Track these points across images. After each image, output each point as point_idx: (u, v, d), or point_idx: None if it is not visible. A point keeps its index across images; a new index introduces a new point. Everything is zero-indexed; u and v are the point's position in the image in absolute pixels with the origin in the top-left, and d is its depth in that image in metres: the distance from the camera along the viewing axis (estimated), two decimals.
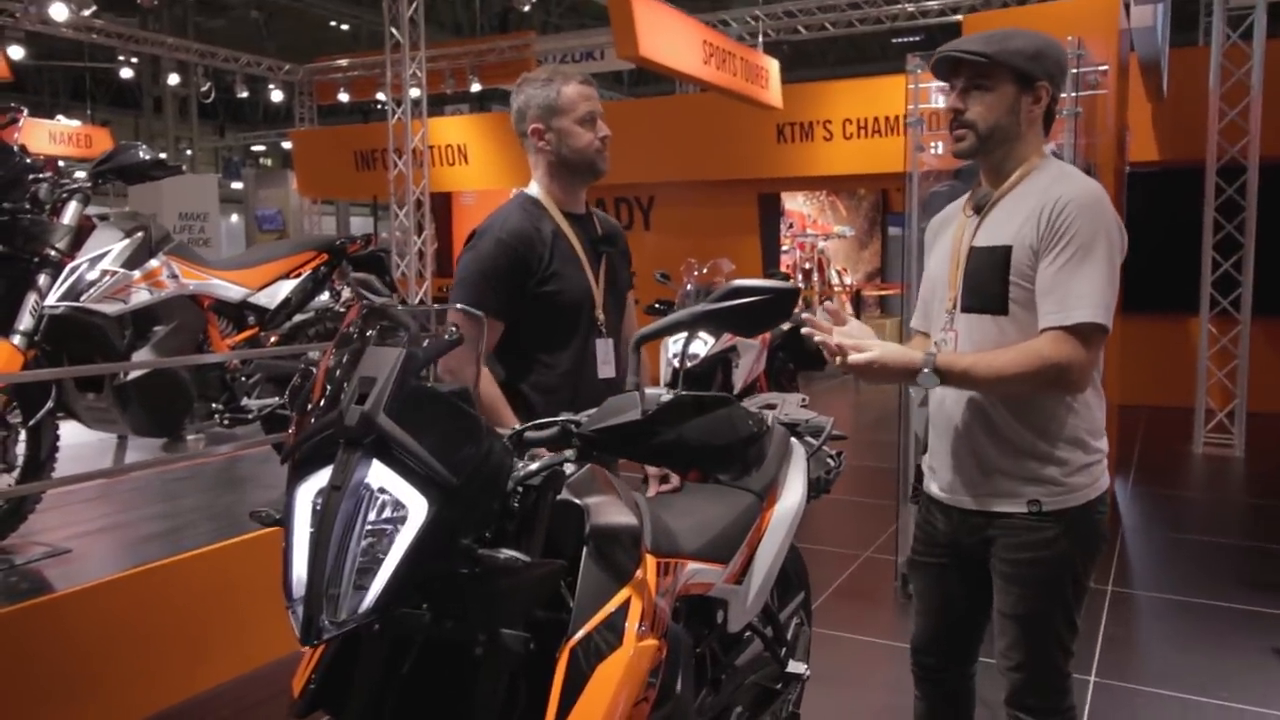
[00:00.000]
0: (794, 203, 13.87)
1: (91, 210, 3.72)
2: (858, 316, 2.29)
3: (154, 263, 3.68)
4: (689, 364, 5.81)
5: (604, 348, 2.38)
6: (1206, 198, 7.06)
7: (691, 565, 2.00)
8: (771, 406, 2.82)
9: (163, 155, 3.65)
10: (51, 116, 19.77)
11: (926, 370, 1.82)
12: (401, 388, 1.41)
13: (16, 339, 3.32)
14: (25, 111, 3.92)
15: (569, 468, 1.63)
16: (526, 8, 12.20)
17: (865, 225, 14.64)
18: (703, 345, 5.81)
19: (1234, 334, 7.10)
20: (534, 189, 2.41)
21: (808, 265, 13.24)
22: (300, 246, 4.46)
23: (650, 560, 1.80)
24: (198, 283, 3.91)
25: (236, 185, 24.03)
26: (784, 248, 12.88)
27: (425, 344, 1.49)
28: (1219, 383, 7.22)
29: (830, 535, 5.04)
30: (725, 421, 1.51)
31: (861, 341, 1.87)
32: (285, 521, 1.43)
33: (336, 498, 1.36)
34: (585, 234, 2.41)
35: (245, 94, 16.43)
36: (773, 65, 8.27)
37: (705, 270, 6.30)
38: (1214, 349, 7.19)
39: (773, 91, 8.20)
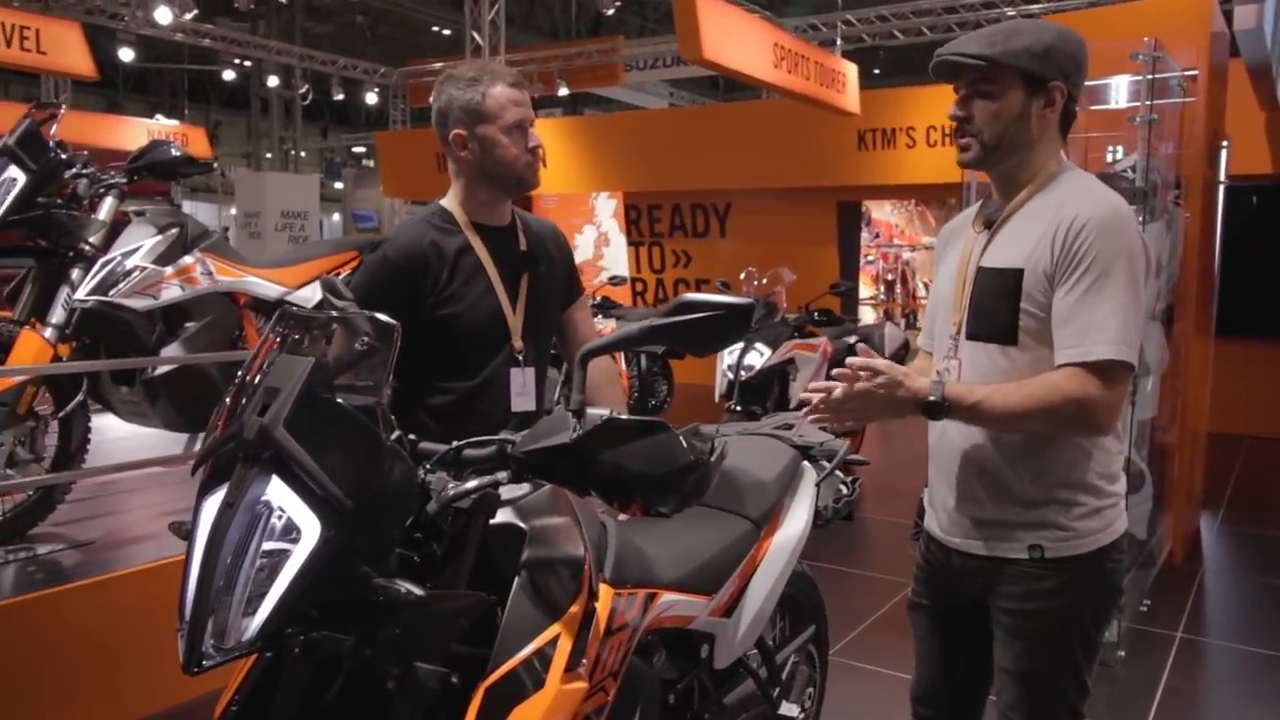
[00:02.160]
0: (881, 212, 13.51)
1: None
2: None
3: (188, 259, 3.72)
4: (744, 375, 5.65)
5: (520, 378, 2.15)
6: None
7: (668, 596, 1.87)
8: (788, 427, 2.65)
9: (188, 153, 3.67)
10: (169, 117, 20.71)
11: (933, 399, 1.64)
12: (305, 400, 1.32)
13: (48, 331, 3.39)
14: (64, 108, 4.02)
15: (509, 491, 1.52)
16: (610, 11, 12.16)
17: None
18: (759, 357, 5.63)
19: None
20: (449, 199, 2.20)
21: (890, 276, 12.87)
22: (341, 246, 4.48)
23: (606, 592, 1.67)
24: (233, 280, 3.94)
25: (338, 185, 24.77)
26: (868, 258, 12.55)
27: (337, 354, 1.41)
28: None
29: (877, 560, 4.82)
30: (661, 449, 1.37)
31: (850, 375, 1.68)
32: (189, 537, 1.35)
33: (229, 515, 1.28)
34: (504, 251, 2.18)
35: (341, 96, 16.87)
36: (850, 70, 8.02)
37: (765, 280, 6.12)
38: None
39: (850, 97, 7.96)
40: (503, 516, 1.55)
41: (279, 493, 1.29)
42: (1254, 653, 3.80)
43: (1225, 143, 5.66)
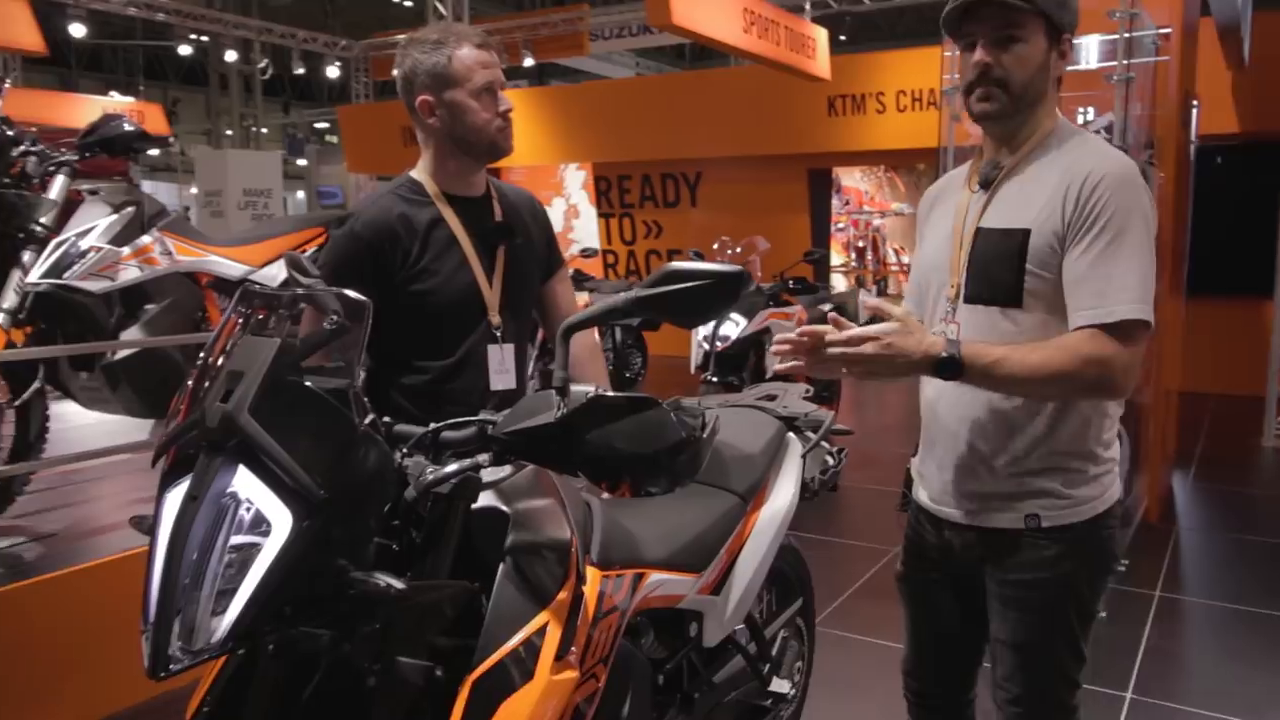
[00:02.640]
0: (851, 179, 13.45)
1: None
2: None
3: (145, 239, 3.59)
4: (719, 345, 5.59)
5: (499, 355, 2.06)
6: None
7: (656, 575, 1.82)
8: (772, 397, 2.61)
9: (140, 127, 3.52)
10: (125, 94, 20.21)
11: (947, 354, 1.53)
12: (272, 384, 1.25)
13: (0, 317, 3.26)
14: (8, 83, 3.86)
15: (491, 473, 1.46)
16: None
17: None
18: (735, 327, 5.58)
19: None
20: (419, 169, 2.10)
21: (861, 243, 12.84)
22: (306, 222, 4.35)
23: (593, 575, 1.62)
24: (194, 259, 3.82)
25: (302, 162, 24.37)
26: (839, 225, 12.51)
27: (305, 335, 1.33)
28: None
29: (858, 528, 4.81)
30: (652, 426, 1.32)
31: (855, 330, 1.56)
32: (151, 533, 1.28)
33: (193, 509, 1.21)
34: (478, 222, 2.08)
35: (302, 70, 16.50)
36: (821, 35, 7.93)
37: (739, 249, 6.05)
38: None
39: (820, 62, 7.87)
40: (484, 500, 1.49)
41: (246, 483, 1.22)
42: (1231, 609, 3.82)
43: (1195, 103, 5.65)
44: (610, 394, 1.31)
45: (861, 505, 5.18)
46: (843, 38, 18.05)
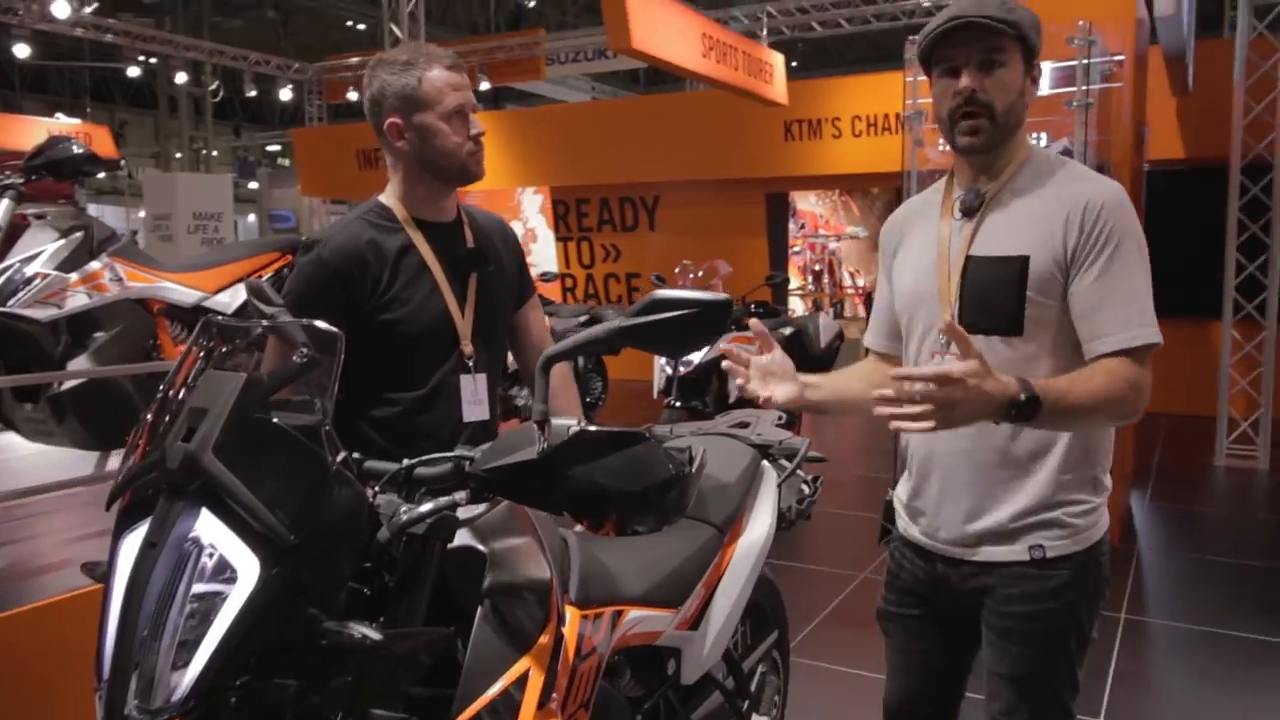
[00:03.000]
0: (806, 203, 13.58)
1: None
2: (869, 318, 1.93)
3: (95, 265, 3.47)
4: (683, 370, 5.57)
5: (471, 385, 1.99)
6: (1230, 196, 6.73)
7: (634, 612, 1.76)
8: (744, 425, 2.57)
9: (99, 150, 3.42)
10: (71, 115, 19.82)
11: (1024, 398, 1.42)
12: (238, 421, 1.18)
13: None
14: None
15: (465, 510, 1.39)
16: (532, 3, 11.96)
17: (878, 226, 14.28)
18: (697, 351, 5.55)
19: (1258, 340, 6.76)
20: (387, 194, 2.04)
21: (818, 266, 12.95)
22: (262, 247, 4.25)
23: (572, 615, 1.56)
24: (145, 285, 3.70)
25: (253, 185, 24.03)
26: (795, 248, 12.61)
27: (272, 368, 1.27)
28: (1242, 391, 6.88)
29: (824, 554, 4.77)
30: (640, 462, 1.26)
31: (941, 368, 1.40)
32: (107, 580, 1.20)
33: (152, 556, 1.13)
34: (449, 249, 2.02)
35: (254, 93, 16.30)
36: (778, 60, 8.00)
37: (701, 273, 6.04)
38: (1237, 356, 6.86)
39: (777, 87, 7.93)
40: (459, 539, 1.42)
41: (210, 528, 1.14)
42: (1196, 630, 3.85)
43: (1146, 128, 5.77)
44: (596, 428, 1.26)
45: (825, 530, 5.15)
46: (794, 64, 18.29)
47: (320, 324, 1.32)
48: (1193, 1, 6.09)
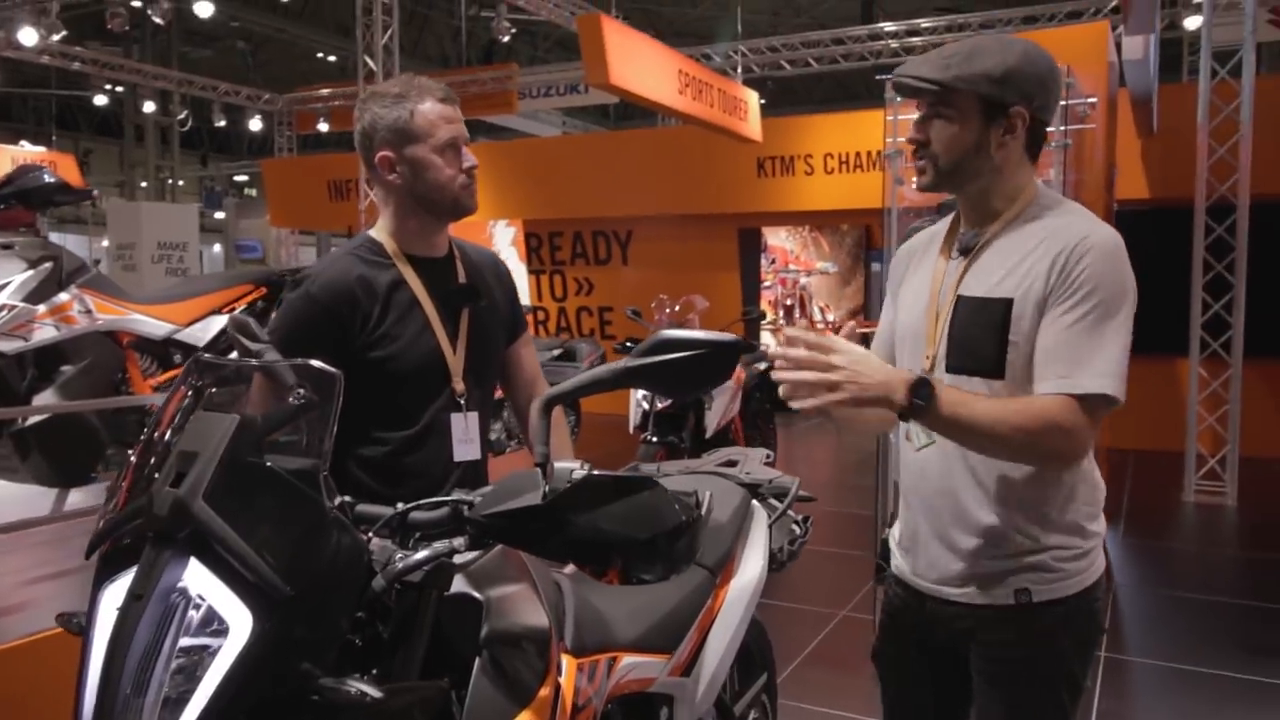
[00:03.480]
0: (776, 238, 13.67)
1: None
2: None
3: (63, 296, 3.39)
4: (659, 405, 5.52)
5: (461, 424, 1.95)
6: (1196, 237, 6.85)
7: (628, 659, 1.71)
8: (732, 464, 2.54)
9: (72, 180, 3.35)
10: (35, 143, 19.55)
11: (916, 382, 1.46)
12: (230, 466, 1.12)
13: None
14: None
15: (462, 557, 1.34)
16: (506, 38, 12.02)
17: (848, 262, 14.41)
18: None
19: (1225, 377, 6.87)
20: (378, 229, 2.00)
21: (789, 301, 13.02)
22: (235, 279, 4.18)
23: (569, 664, 1.50)
24: (115, 317, 3.61)
25: (219, 215, 23.80)
26: (766, 283, 12.67)
27: (266, 409, 1.22)
28: (1210, 427, 6.97)
29: (805, 591, 4.73)
30: (648, 509, 1.22)
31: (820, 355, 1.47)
32: (86, 633, 1.14)
33: (137, 609, 1.07)
34: (441, 285, 1.99)
35: (223, 123, 16.20)
36: (752, 97, 8.08)
37: (678, 307, 6.03)
38: (1205, 393, 6.95)
39: (752, 124, 8.00)
40: (455, 585, 1.37)
41: (199, 579, 1.09)
42: (1176, 669, 3.85)
43: (1115, 169, 5.87)
44: (602, 473, 1.22)
45: (804, 567, 5.10)
46: (763, 101, 18.54)
47: (318, 364, 1.27)
48: (1157, 46, 6.24)
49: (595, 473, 1.22)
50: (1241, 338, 6.75)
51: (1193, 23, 9.56)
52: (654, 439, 5.48)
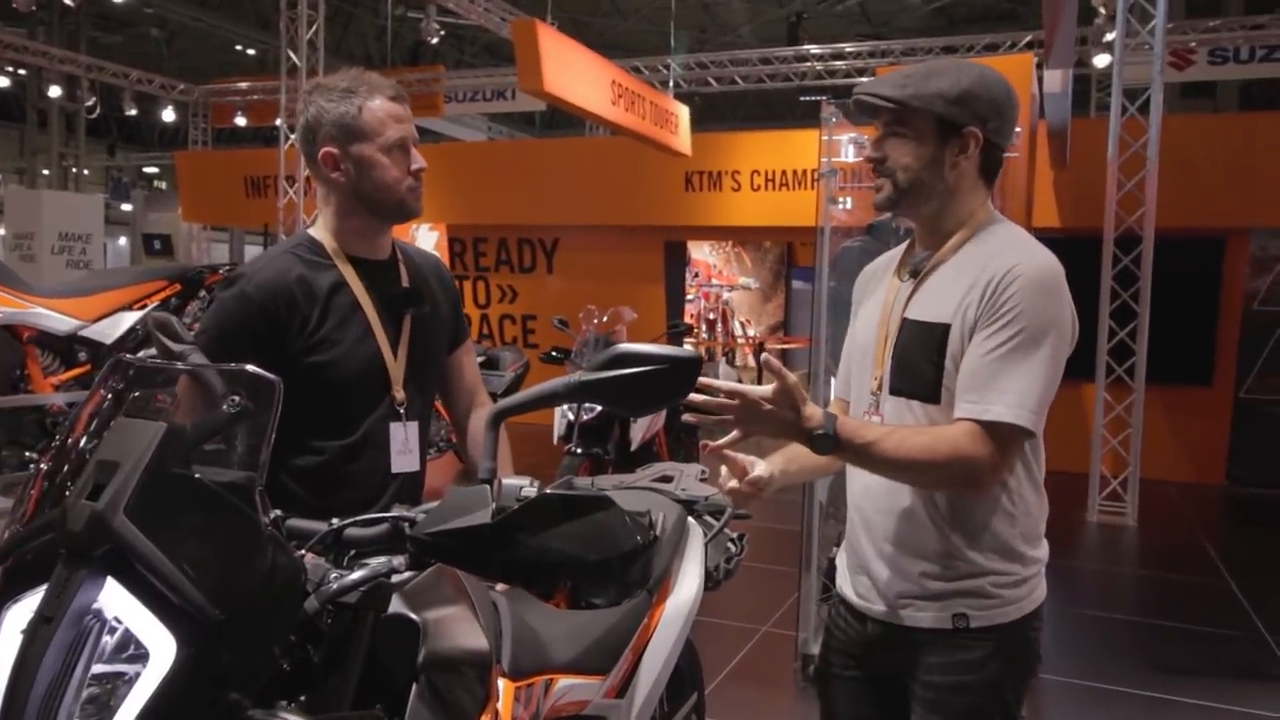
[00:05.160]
0: (700, 252, 13.77)
1: None
2: (760, 368, 1.94)
3: None
4: (585, 416, 5.47)
5: (401, 434, 1.88)
6: (1104, 266, 7.11)
7: (564, 681, 1.66)
8: (667, 479, 2.50)
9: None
10: None
11: (822, 434, 1.51)
12: (155, 478, 1.04)
13: None
14: None
15: (401, 577, 1.28)
16: (434, 40, 11.85)
17: (769, 278, 14.60)
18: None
19: (1128, 402, 7.12)
20: (318, 227, 1.92)
21: (712, 315, 13.11)
22: (148, 275, 3.99)
23: (506, 688, 1.45)
24: (14, 311, 3.41)
25: (126, 207, 22.90)
26: (689, 297, 12.73)
27: (196, 417, 1.14)
28: (1113, 450, 7.23)
29: (726, 607, 4.71)
30: (602, 530, 1.18)
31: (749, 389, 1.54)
32: None
33: (46, 633, 0.98)
34: (383, 288, 1.91)
35: (134, 112, 15.61)
36: (683, 111, 8.12)
37: (605, 319, 5.99)
38: (1109, 416, 7.21)
39: (682, 138, 8.03)
40: (390, 606, 1.30)
41: (117, 601, 1.00)
42: (1083, 685, 3.95)
43: (1032, 198, 6.04)
44: (555, 492, 1.17)
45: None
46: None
47: (255, 369, 1.19)
48: (1071, 81, 6.46)
49: (547, 491, 1.17)
50: (1145, 364, 7.01)
51: (1101, 61, 9.94)
52: (579, 450, 5.42)
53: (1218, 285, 8.31)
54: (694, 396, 1.50)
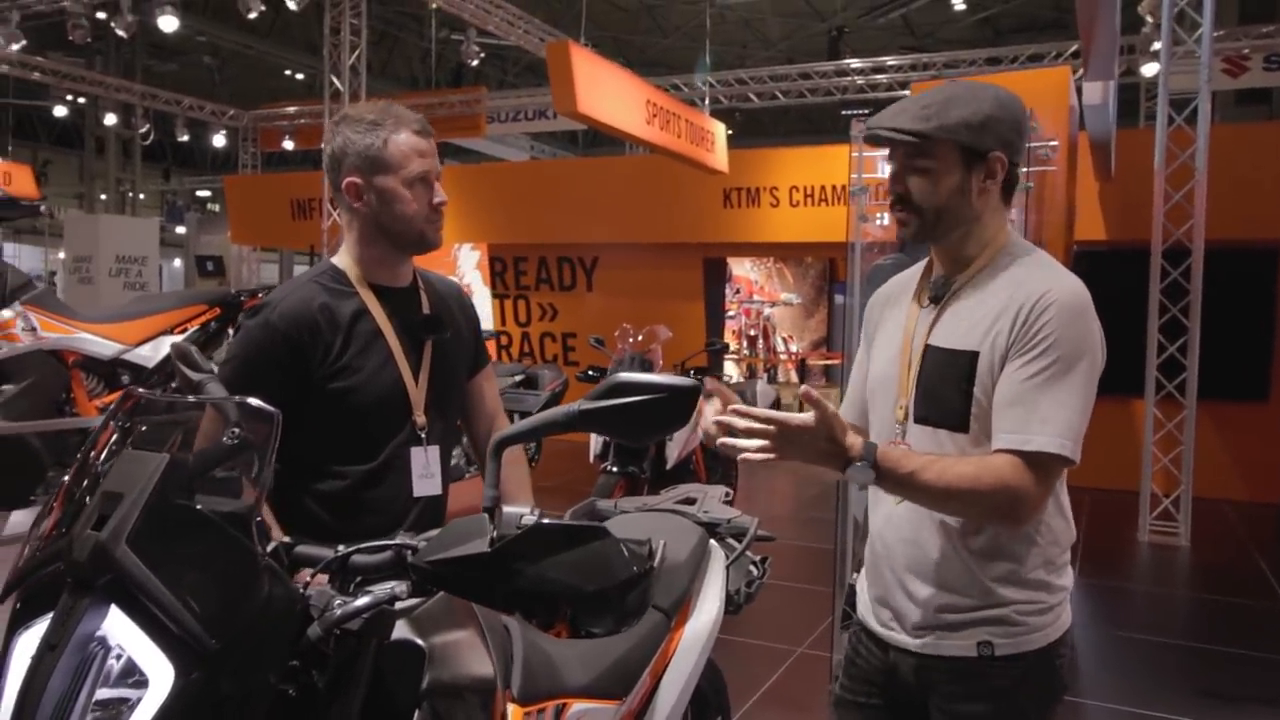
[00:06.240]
0: (741, 268, 13.77)
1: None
2: (803, 384, 1.92)
3: (6, 313, 3.28)
4: None
5: (422, 458, 1.91)
6: (1152, 280, 6.96)
7: (578, 705, 1.66)
8: (691, 501, 2.49)
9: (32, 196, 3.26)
10: None
11: (861, 464, 1.49)
12: (156, 509, 1.06)
13: None
14: None
15: (405, 604, 1.29)
16: (475, 62, 12.02)
17: (812, 293, 14.58)
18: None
19: (1179, 419, 6.95)
20: (340, 255, 1.97)
21: (753, 332, 13.08)
22: (188, 299, 4.08)
23: (515, 713, 1.45)
24: (61, 336, 3.51)
25: (181, 230, 23.49)
26: (730, 313, 12.72)
27: (199, 448, 1.16)
28: (1164, 468, 7.05)
29: (761, 627, 4.68)
30: (599, 560, 1.18)
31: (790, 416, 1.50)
32: None
33: (50, 660, 1.00)
34: (404, 315, 1.95)
35: (186, 137, 16.03)
36: (719, 128, 8.12)
37: (641, 337, 6.00)
38: (1159, 434, 7.03)
39: (718, 155, 8.03)
40: (397, 631, 1.31)
41: (119, 629, 1.02)
42: (1127, 712, 3.85)
43: (1075, 211, 5.95)
44: (551, 522, 1.17)
45: (762, 601, 5.06)
46: (730, 132, 18.72)
47: (255, 402, 1.21)
48: (1116, 91, 6.36)
49: (545, 521, 1.18)
50: (1196, 380, 6.84)
51: (1150, 70, 9.76)
52: (614, 469, 5.42)
53: (1272, 298, 8.09)
54: (734, 421, 1.49)
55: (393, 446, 1.88)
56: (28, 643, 1.06)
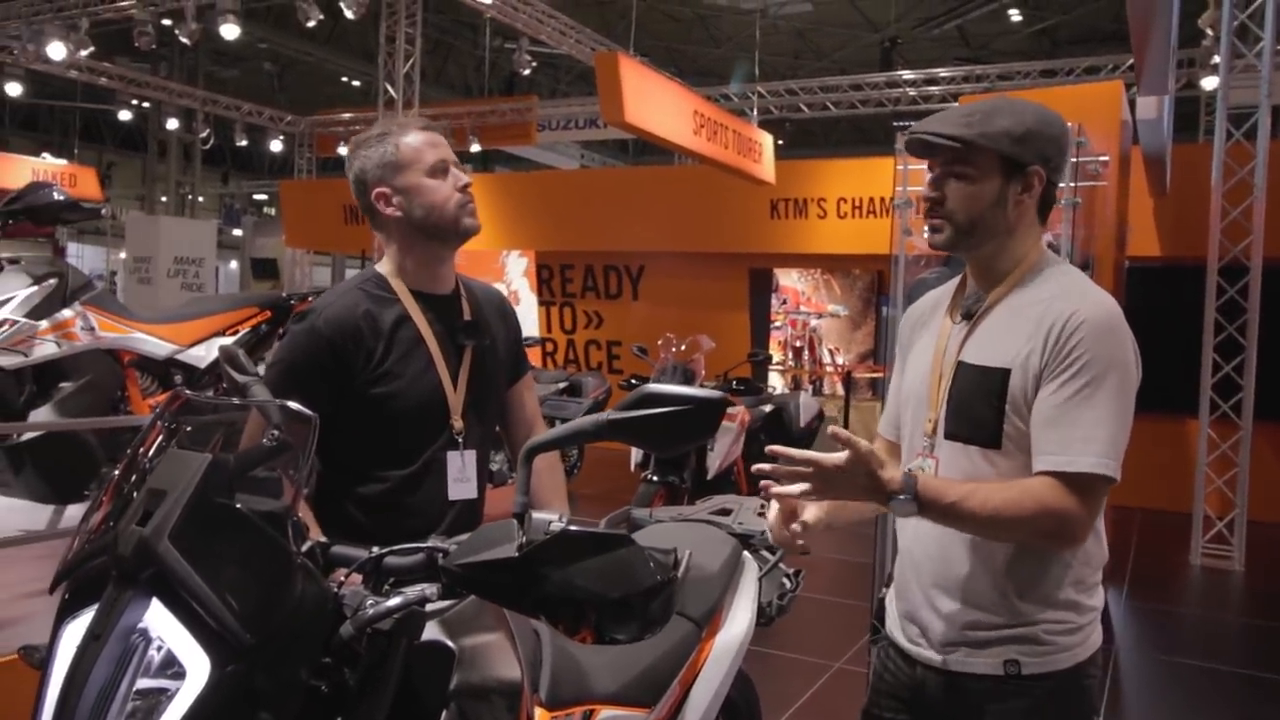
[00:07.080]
0: (788, 279, 13.69)
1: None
2: (848, 397, 1.93)
3: (66, 313, 3.40)
4: None
5: (459, 462, 1.94)
6: (1208, 297, 6.81)
7: (606, 712, 1.68)
8: (726, 512, 2.51)
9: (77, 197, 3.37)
10: (58, 155, 19.81)
11: (903, 497, 1.49)
12: (198, 507, 1.10)
13: None
14: None
15: (434, 602, 1.32)
16: (527, 71, 12.15)
17: (859, 305, 14.41)
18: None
19: (1234, 440, 6.79)
20: (383, 264, 2.02)
21: (799, 343, 13.00)
22: (240, 302, 4.19)
23: (542, 717, 1.47)
24: (117, 336, 3.62)
25: (237, 232, 24.04)
26: (776, 324, 12.67)
27: (240, 450, 1.20)
28: (1218, 490, 6.88)
29: (798, 640, 4.66)
30: (623, 567, 1.20)
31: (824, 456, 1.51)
32: (45, 668, 1.11)
33: (95, 649, 1.05)
34: (445, 321, 1.99)
35: (245, 142, 16.40)
36: (766, 139, 8.12)
37: (684, 346, 6.02)
38: (1214, 455, 6.87)
39: (766, 166, 8.03)
40: (428, 632, 1.34)
41: (160, 621, 1.06)
42: None
43: (1127, 226, 5.85)
44: (577, 529, 1.20)
45: (798, 615, 5.04)
46: (780, 142, 18.66)
47: (294, 405, 1.25)
48: (1172, 106, 6.24)
49: (572, 528, 1.20)
50: (1252, 400, 6.68)
51: (1209, 83, 9.56)
52: (654, 478, 5.45)
53: None
54: (775, 462, 1.50)
55: (431, 451, 1.92)
56: (74, 632, 1.10)
